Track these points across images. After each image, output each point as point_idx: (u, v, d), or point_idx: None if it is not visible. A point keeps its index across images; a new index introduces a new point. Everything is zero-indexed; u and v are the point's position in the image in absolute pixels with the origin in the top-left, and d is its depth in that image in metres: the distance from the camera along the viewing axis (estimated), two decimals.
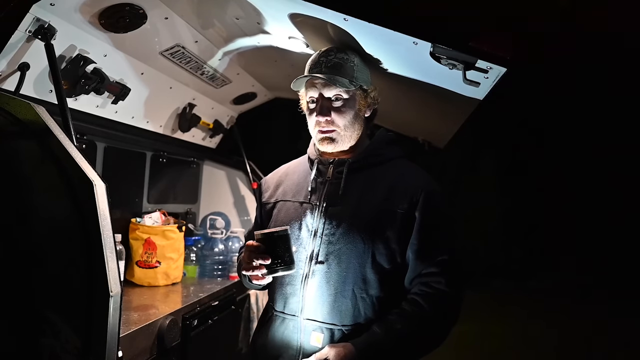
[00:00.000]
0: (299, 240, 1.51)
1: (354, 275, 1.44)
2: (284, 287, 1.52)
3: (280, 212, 1.61)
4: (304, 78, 1.52)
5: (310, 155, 1.65)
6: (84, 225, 1.14)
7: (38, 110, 1.23)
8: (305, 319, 1.47)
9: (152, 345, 1.66)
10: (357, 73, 1.52)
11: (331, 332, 1.45)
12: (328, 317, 1.45)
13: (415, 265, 1.46)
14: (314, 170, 1.57)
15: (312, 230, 1.51)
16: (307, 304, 1.47)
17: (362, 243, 1.45)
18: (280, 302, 1.53)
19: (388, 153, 1.60)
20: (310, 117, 1.55)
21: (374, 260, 1.45)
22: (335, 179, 1.54)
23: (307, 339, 1.46)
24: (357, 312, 1.45)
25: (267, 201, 1.69)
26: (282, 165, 1.78)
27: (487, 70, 1.39)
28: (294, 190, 1.62)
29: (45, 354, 1.15)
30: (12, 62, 1.51)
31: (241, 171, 3.08)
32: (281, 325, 1.52)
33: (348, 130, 1.52)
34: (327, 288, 1.46)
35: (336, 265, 1.46)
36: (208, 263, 2.55)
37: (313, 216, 1.52)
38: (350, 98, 1.52)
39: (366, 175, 1.54)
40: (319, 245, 1.48)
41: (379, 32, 1.38)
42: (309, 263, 1.48)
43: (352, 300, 1.44)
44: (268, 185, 1.72)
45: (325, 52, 1.53)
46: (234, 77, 2.40)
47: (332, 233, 1.48)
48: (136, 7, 1.61)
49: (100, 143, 2.23)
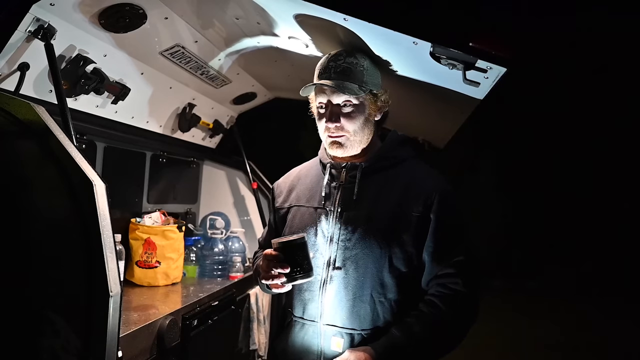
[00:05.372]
0: (315, 246, 1.51)
1: (372, 280, 1.45)
2: (303, 293, 1.53)
3: (295, 218, 1.61)
4: (310, 85, 1.52)
5: (322, 159, 1.64)
6: (83, 225, 1.13)
7: (38, 110, 1.23)
8: (324, 324, 1.48)
9: (151, 345, 1.66)
10: (367, 77, 1.51)
11: (351, 336, 1.46)
12: (347, 322, 1.46)
13: (431, 267, 1.46)
14: (327, 175, 1.57)
15: (328, 236, 1.51)
16: (326, 310, 1.48)
17: (378, 248, 1.45)
18: (299, 308, 1.54)
19: (400, 154, 1.59)
20: (320, 122, 1.55)
21: (391, 265, 1.45)
22: (348, 184, 1.54)
23: (328, 344, 1.47)
24: (375, 316, 1.45)
25: (280, 206, 1.68)
26: (293, 169, 1.78)
27: (487, 70, 1.39)
28: (307, 195, 1.61)
29: (45, 355, 1.15)
30: (12, 62, 1.51)
31: (241, 171, 3.08)
32: (301, 330, 1.53)
33: (358, 135, 1.52)
34: (345, 293, 1.46)
35: (354, 270, 1.46)
36: (208, 263, 2.54)
37: (328, 222, 1.52)
38: (360, 103, 1.50)
39: (379, 178, 1.53)
40: (336, 251, 1.49)
41: (379, 33, 1.38)
42: (326, 269, 1.49)
43: (370, 305, 1.45)
44: (281, 190, 1.71)
45: (335, 57, 1.52)
46: (234, 77, 2.40)
47: (349, 239, 1.48)
48: (136, 7, 1.61)
49: (100, 143, 2.23)
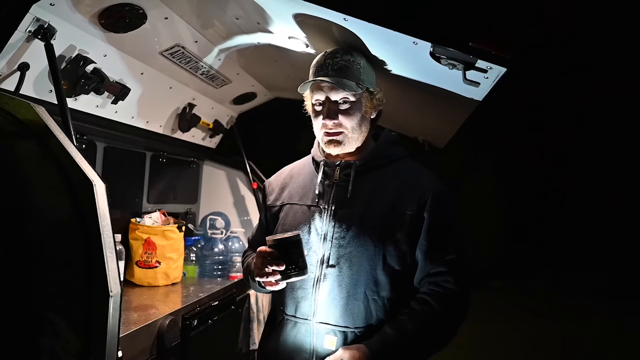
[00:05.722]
0: (308, 244, 1.51)
1: (366, 278, 1.45)
2: (295, 291, 1.52)
3: (287, 216, 1.60)
4: (309, 81, 1.51)
5: (316, 157, 1.63)
6: (83, 225, 1.13)
7: (38, 110, 1.23)
8: (317, 322, 1.48)
9: (151, 345, 1.66)
10: (364, 75, 1.52)
11: (344, 334, 1.45)
12: (341, 320, 1.46)
13: (424, 265, 1.46)
14: (321, 173, 1.56)
15: (322, 234, 1.50)
16: (319, 308, 1.48)
17: (372, 246, 1.45)
18: (291, 306, 1.53)
19: (394, 154, 1.60)
20: (317, 120, 1.54)
21: (385, 262, 1.45)
22: (342, 182, 1.53)
23: (321, 342, 1.47)
24: (369, 314, 1.45)
25: (272, 204, 1.67)
26: (285, 167, 1.76)
27: (487, 70, 1.39)
28: (300, 193, 1.60)
29: (45, 355, 1.15)
30: (12, 62, 1.51)
31: (241, 171, 3.08)
32: (293, 329, 1.52)
33: (355, 132, 1.52)
34: (339, 291, 1.46)
35: (347, 268, 1.46)
36: (208, 263, 2.55)
37: (322, 220, 1.52)
38: (357, 101, 1.51)
39: (373, 177, 1.53)
40: (330, 248, 1.48)
41: (379, 32, 1.38)
42: (320, 267, 1.48)
43: (364, 303, 1.45)
44: (272, 188, 1.70)
45: (332, 54, 1.52)
46: (234, 77, 2.40)
47: (343, 236, 1.48)
48: (136, 7, 1.61)
49: (100, 143, 2.23)
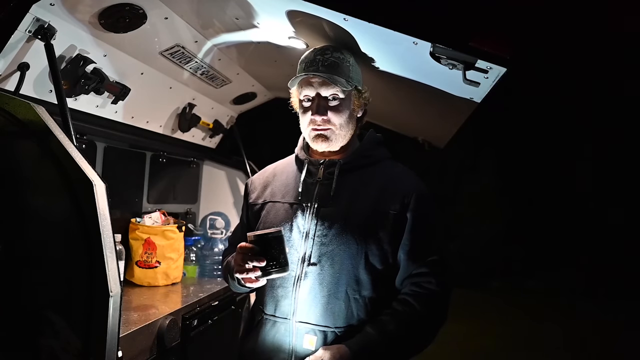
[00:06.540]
0: (290, 242, 1.48)
1: (347, 277, 1.43)
2: (275, 290, 1.49)
3: (269, 214, 1.58)
4: (300, 75, 1.51)
5: (300, 156, 1.62)
6: (83, 225, 1.13)
7: (38, 110, 1.23)
8: (297, 321, 1.45)
9: (152, 345, 1.66)
10: (352, 73, 1.52)
11: (324, 334, 1.43)
12: (321, 319, 1.43)
13: (406, 266, 1.46)
14: (304, 171, 1.56)
15: (304, 231, 1.49)
16: (299, 307, 1.45)
17: (355, 244, 1.44)
18: (270, 305, 1.50)
19: (377, 154, 1.60)
20: (305, 116, 1.53)
21: (367, 261, 1.44)
22: (326, 180, 1.53)
23: (300, 342, 1.44)
24: (350, 313, 1.44)
25: (254, 202, 1.65)
26: (269, 165, 1.75)
27: (487, 70, 1.39)
28: (283, 191, 1.59)
29: (45, 355, 1.15)
30: (12, 62, 1.51)
31: (241, 171, 3.07)
32: (272, 329, 1.49)
33: (343, 129, 1.52)
34: (320, 290, 1.44)
35: (329, 266, 1.44)
36: (208, 263, 2.55)
37: (304, 217, 1.50)
38: (346, 98, 1.51)
39: (357, 176, 1.53)
40: (312, 246, 1.46)
41: (379, 32, 1.38)
42: (301, 265, 1.46)
43: (345, 302, 1.43)
44: (255, 186, 1.69)
45: (322, 51, 1.52)
46: (234, 77, 2.40)
47: (325, 234, 1.46)
48: (136, 7, 1.61)
49: (100, 143, 2.23)
